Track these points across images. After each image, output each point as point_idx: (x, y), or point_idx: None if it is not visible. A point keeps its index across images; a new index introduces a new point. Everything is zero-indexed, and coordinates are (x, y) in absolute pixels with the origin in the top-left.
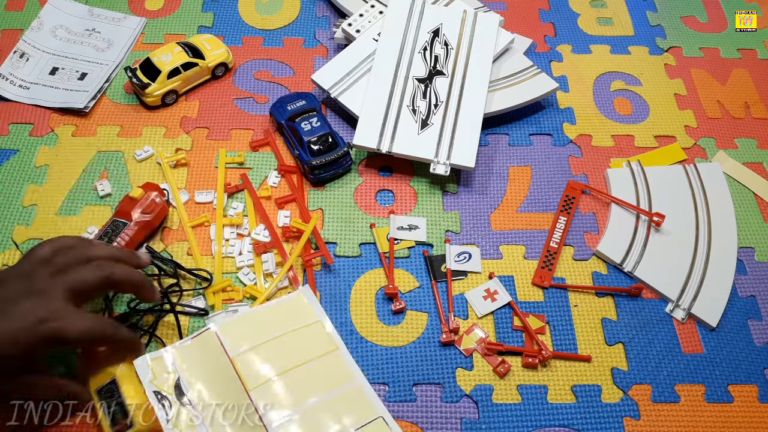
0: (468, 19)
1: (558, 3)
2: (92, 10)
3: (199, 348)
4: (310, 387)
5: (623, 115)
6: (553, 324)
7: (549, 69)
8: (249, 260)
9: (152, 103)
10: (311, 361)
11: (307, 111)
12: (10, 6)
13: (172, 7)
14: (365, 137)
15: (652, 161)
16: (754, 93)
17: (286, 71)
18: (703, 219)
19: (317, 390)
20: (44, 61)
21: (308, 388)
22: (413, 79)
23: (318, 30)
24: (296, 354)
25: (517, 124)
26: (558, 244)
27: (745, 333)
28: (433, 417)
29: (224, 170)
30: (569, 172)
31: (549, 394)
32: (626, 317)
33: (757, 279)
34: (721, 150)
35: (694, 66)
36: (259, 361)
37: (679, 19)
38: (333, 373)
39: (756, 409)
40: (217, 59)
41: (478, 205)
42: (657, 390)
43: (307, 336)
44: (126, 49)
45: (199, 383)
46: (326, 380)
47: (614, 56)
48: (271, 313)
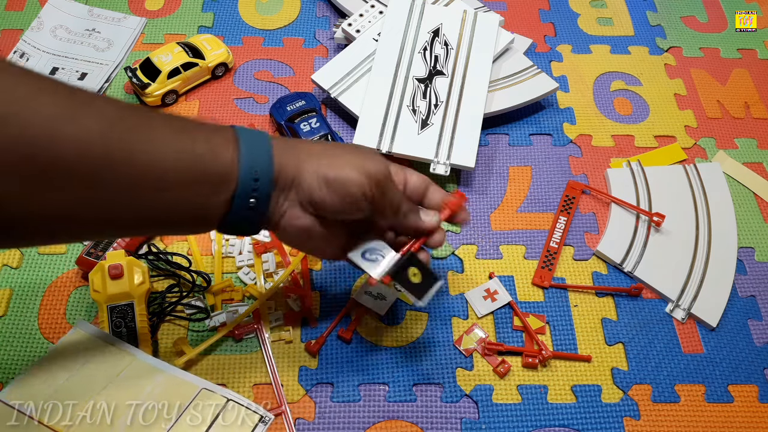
0: (468, 19)
1: (558, 3)
2: (92, 10)
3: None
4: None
5: (623, 115)
6: (553, 324)
7: (549, 69)
8: (249, 260)
9: (152, 103)
10: (114, 380)
11: (307, 111)
12: (10, 6)
13: (172, 7)
14: (365, 137)
15: (652, 161)
16: (754, 93)
17: (286, 71)
18: (703, 219)
19: (133, 399)
20: (44, 61)
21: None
22: (413, 79)
23: (318, 30)
24: (97, 381)
25: (517, 124)
26: (558, 244)
27: (745, 333)
28: (433, 417)
29: None
30: (569, 172)
31: (549, 394)
32: (626, 317)
33: (757, 279)
34: (721, 150)
35: (694, 66)
36: (63, 407)
37: (679, 19)
38: (140, 377)
39: (756, 409)
40: (217, 59)
41: (478, 205)
42: (657, 390)
43: (98, 361)
44: (126, 49)
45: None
46: (136, 388)
47: (614, 56)
48: (55, 358)
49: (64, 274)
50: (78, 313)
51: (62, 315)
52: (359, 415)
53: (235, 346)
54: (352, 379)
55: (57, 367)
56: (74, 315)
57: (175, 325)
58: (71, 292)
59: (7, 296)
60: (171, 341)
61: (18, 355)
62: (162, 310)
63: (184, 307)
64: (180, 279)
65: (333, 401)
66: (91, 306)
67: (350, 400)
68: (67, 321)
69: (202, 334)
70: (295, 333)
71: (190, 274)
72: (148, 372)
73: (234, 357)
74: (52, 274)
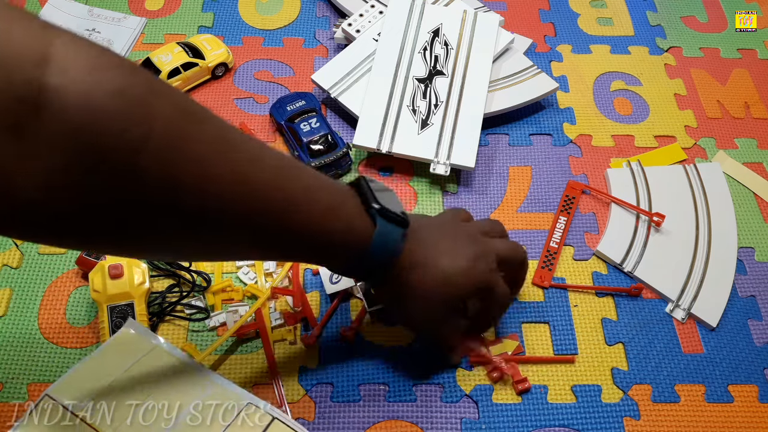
0: (468, 19)
1: (558, 3)
2: (92, 10)
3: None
4: (170, 407)
5: (623, 115)
6: (553, 324)
7: (549, 69)
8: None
9: None
10: (159, 383)
11: (307, 111)
12: None
13: (172, 7)
14: (365, 137)
15: (652, 161)
16: (754, 93)
17: (286, 71)
18: (703, 219)
19: (179, 405)
20: None
21: (168, 409)
22: (413, 79)
23: (318, 30)
24: (144, 385)
25: (517, 124)
26: (558, 244)
27: (745, 333)
28: (433, 417)
29: None
30: (569, 172)
31: (549, 394)
32: (626, 317)
33: (757, 279)
34: (721, 150)
35: (694, 66)
36: (108, 407)
37: (679, 19)
38: (188, 384)
39: (756, 409)
40: (217, 59)
41: (478, 205)
42: (657, 390)
43: (149, 364)
44: (126, 49)
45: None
46: (183, 394)
47: (614, 56)
48: (104, 357)
49: (64, 274)
50: (78, 314)
51: (62, 315)
52: (359, 415)
53: (235, 346)
54: (352, 379)
55: (107, 366)
56: (74, 315)
57: (175, 325)
58: (71, 292)
59: (7, 296)
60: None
61: (18, 355)
62: (162, 310)
63: (184, 307)
64: (180, 279)
65: (333, 401)
66: (91, 306)
67: (350, 400)
68: (67, 321)
69: (202, 334)
70: (296, 333)
71: (190, 273)
72: (195, 376)
73: (234, 357)
74: (52, 274)
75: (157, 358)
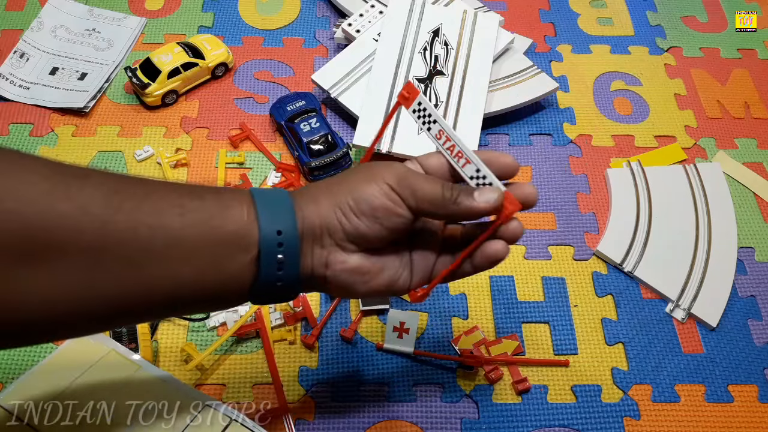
0: (468, 19)
1: (558, 3)
2: (92, 10)
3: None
4: (121, 409)
5: (623, 115)
6: (553, 324)
7: (549, 69)
8: None
9: (152, 103)
10: (113, 387)
11: (307, 111)
12: (10, 6)
13: (172, 7)
14: (365, 137)
15: (652, 161)
16: (754, 93)
17: (286, 71)
18: (703, 219)
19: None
20: (44, 61)
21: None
22: (413, 79)
23: (318, 30)
24: (98, 389)
25: (517, 124)
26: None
27: (745, 333)
28: (433, 417)
29: (224, 170)
30: (569, 172)
31: (549, 394)
32: (626, 317)
33: (757, 279)
34: (721, 150)
35: (694, 66)
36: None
37: (679, 19)
38: (143, 387)
39: (756, 409)
40: (217, 59)
41: None
42: (657, 390)
43: (104, 368)
44: (126, 49)
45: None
46: (137, 397)
47: (614, 56)
48: (60, 360)
49: None
50: None
51: None
52: (359, 415)
53: (235, 346)
54: (352, 379)
55: (60, 371)
56: None
57: (174, 325)
58: None
59: None
60: (171, 341)
61: (18, 355)
62: None
63: None
64: None
65: (333, 401)
66: None
67: (350, 400)
68: None
69: (201, 333)
70: (296, 333)
71: None
72: (152, 383)
73: (234, 357)
74: None
75: (112, 362)
